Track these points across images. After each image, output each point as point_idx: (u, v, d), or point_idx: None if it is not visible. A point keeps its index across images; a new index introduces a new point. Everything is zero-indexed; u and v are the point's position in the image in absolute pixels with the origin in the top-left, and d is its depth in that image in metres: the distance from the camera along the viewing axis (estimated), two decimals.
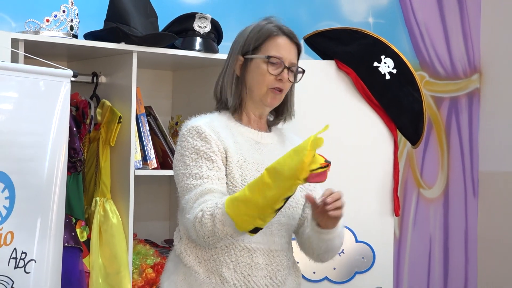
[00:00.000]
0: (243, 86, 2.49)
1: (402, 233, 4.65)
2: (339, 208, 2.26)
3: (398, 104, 3.45)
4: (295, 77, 2.51)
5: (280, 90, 2.47)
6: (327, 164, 2.13)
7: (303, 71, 2.54)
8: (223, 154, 2.38)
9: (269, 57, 2.44)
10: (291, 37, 2.51)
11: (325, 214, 2.25)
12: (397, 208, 3.46)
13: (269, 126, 2.62)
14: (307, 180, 2.13)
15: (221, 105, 2.54)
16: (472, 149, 5.15)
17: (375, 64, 3.41)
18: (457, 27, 5.08)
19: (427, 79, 4.93)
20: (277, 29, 2.48)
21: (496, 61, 5.13)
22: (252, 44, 2.46)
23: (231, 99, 2.48)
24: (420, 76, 4.74)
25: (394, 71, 3.42)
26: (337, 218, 2.30)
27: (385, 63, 3.44)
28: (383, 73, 3.41)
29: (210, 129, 2.37)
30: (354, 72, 3.42)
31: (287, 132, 2.69)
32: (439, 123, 4.98)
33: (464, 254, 5.08)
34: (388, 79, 3.43)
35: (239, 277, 2.38)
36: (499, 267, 4.99)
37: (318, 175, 2.13)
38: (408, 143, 3.65)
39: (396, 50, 3.47)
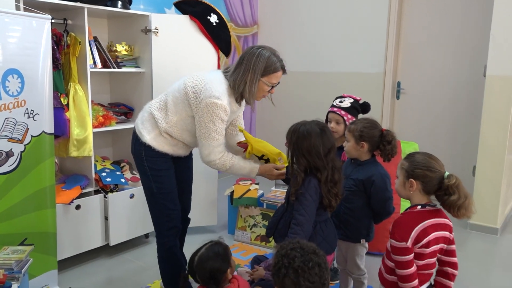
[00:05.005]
0: None
1: None
2: None
3: (219, 38, 3.29)
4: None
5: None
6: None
7: (278, 82, 2.17)
8: None
9: (272, 86, 2.13)
10: (284, 69, 2.14)
11: None
12: None
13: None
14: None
15: (234, 87, 2.12)
16: None
17: (208, 17, 3.22)
18: (247, 0, 4.93)
19: (234, 27, 4.79)
20: (281, 67, 2.11)
21: (266, 19, 5.06)
22: (267, 73, 2.08)
23: (247, 95, 2.12)
24: (230, 25, 4.60)
25: (218, 21, 3.25)
26: None
27: (213, 17, 3.25)
28: (212, 22, 3.24)
29: (229, 107, 2.10)
30: (198, 21, 3.23)
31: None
32: (238, 47, 4.89)
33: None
34: (215, 25, 3.25)
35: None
36: (268, 114, 5.13)
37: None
38: (224, 56, 3.55)
39: (218, 11, 3.28)
